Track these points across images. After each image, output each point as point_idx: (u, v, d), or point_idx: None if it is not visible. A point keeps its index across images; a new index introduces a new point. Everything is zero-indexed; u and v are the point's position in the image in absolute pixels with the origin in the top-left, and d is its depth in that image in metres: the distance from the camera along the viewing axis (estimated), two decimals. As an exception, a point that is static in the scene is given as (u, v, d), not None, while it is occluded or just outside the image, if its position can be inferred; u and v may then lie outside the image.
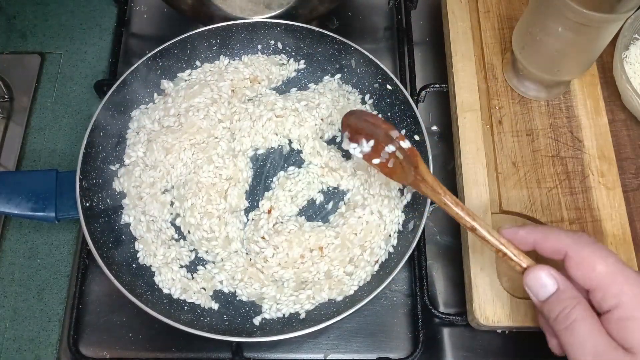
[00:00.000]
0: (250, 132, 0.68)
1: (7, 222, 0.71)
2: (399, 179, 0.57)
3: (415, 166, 0.54)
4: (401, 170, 0.57)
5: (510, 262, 0.47)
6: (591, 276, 0.42)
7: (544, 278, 0.44)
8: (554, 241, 0.45)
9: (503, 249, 0.47)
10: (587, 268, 0.43)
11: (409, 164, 0.55)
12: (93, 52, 0.82)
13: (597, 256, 0.43)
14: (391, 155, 0.58)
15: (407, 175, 0.56)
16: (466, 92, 0.67)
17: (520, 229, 0.47)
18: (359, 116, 0.60)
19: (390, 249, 0.62)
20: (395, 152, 0.57)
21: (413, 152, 0.55)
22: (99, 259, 0.57)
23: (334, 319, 0.54)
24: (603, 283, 0.42)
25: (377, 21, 0.83)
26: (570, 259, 0.44)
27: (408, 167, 0.56)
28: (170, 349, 0.63)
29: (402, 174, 0.57)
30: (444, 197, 0.52)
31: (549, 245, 0.46)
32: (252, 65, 0.72)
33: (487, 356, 0.63)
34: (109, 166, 0.65)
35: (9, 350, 0.64)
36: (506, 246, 0.47)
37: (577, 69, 0.63)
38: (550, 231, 0.46)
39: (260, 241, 0.62)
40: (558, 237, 0.45)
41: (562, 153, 0.65)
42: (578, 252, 0.44)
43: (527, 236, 0.47)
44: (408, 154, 0.55)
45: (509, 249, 0.47)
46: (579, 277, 0.43)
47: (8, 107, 0.77)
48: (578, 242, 0.44)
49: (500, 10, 0.73)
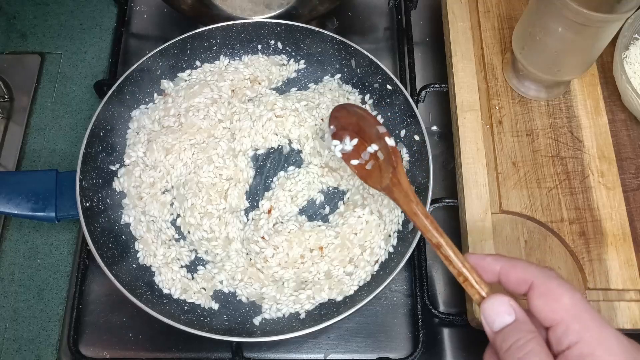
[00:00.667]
0: (250, 132, 0.68)
1: (7, 222, 0.71)
2: (374, 183, 0.57)
3: (394, 167, 0.54)
4: (378, 174, 0.56)
5: (470, 289, 0.45)
6: (555, 308, 0.41)
7: (503, 306, 0.42)
8: (521, 270, 0.43)
9: (465, 273, 0.45)
10: (553, 299, 0.41)
11: (388, 164, 0.55)
12: (93, 52, 0.82)
13: (565, 289, 0.41)
14: (372, 156, 0.57)
15: (383, 178, 0.55)
16: (466, 92, 0.67)
17: (488, 256, 0.45)
18: (348, 110, 0.60)
19: (390, 249, 0.62)
20: (377, 152, 0.56)
21: (395, 152, 0.55)
22: (99, 259, 0.57)
23: (334, 319, 0.54)
24: (567, 317, 0.40)
25: (377, 21, 0.83)
26: (536, 289, 0.42)
27: (386, 168, 0.55)
28: (170, 349, 0.63)
29: (377, 178, 0.56)
30: (416, 206, 0.50)
31: (515, 274, 0.43)
32: (252, 65, 0.72)
33: (487, 356, 0.63)
34: (109, 166, 0.65)
35: (9, 351, 0.64)
36: (469, 271, 0.45)
37: (577, 69, 0.63)
38: (517, 261, 0.44)
39: (260, 241, 0.62)
40: (525, 267, 0.43)
41: (562, 153, 0.65)
42: (545, 283, 0.42)
43: (493, 263, 0.45)
44: (390, 152, 0.55)
45: (472, 275, 0.45)
46: (542, 308, 0.41)
47: (8, 107, 0.77)
48: (545, 274, 0.42)
49: (500, 10, 0.73)
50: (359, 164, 0.59)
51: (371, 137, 0.57)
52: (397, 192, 0.52)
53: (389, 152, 0.55)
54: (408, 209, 0.51)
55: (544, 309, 0.41)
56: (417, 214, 0.50)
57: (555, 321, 0.40)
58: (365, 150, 0.58)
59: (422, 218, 0.49)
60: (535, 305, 0.42)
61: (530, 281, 0.42)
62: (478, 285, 0.44)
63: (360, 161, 0.59)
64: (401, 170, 0.54)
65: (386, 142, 0.55)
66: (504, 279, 0.44)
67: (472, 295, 0.45)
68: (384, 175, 0.55)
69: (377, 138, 0.56)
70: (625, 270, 0.59)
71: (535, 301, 0.42)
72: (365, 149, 0.58)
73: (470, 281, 0.45)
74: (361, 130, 0.58)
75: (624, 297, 0.57)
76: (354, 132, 0.59)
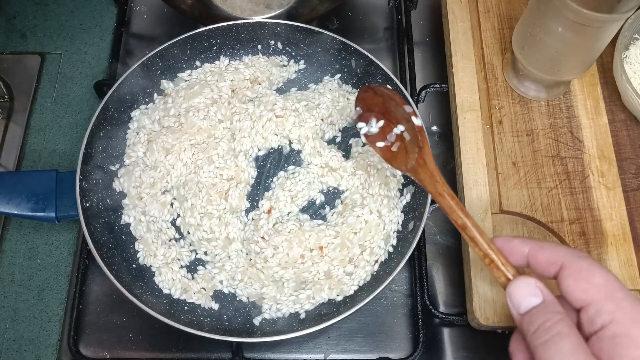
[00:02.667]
0: (250, 132, 0.68)
1: (7, 222, 0.71)
2: (399, 164, 0.56)
3: (420, 147, 0.53)
4: (403, 155, 0.55)
5: (496, 271, 0.44)
6: (587, 288, 0.40)
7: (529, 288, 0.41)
8: (550, 251, 0.43)
9: (492, 255, 0.44)
10: (584, 279, 0.40)
11: (414, 144, 0.54)
12: (93, 52, 0.82)
13: (596, 268, 0.40)
14: (398, 137, 0.56)
15: (409, 159, 0.54)
16: (466, 92, 0.67)
17: (515, 238, 0.45)
18: (375, 91, 0.58)
19: (390, 249, 0.62)
20: (403, 132, 0.55)
21: (421, 132, 0.54)
22: (99, 259, 0.57)
23: (334, 319, 0.54)
24: (599, 296, 0.39)
25: (377, 21, 0.83)
26: (566, 269, 0.41)
27: (412, 149, 0.54)
28: (170, 349, 0.63)
29: (403, 159, 0.55)
30: (442, 186, 0.49)
31: (544, 255, 0.43)
32: (252, 66, 0.72)
33: (487, 356, 0.63)
34: (109, 166, 0.65)
35: (9, 351, 0.64)
36: (495, 253, 0.44)
37: (577, 69, 0.63)
38: (546, 242, 0.44)
39: (260, 241, 0.62)
40: (554, 248, 0.43)
41: (562, 153, 0.65)
42: (575, 262, 0.41)
43: (521, 245, 0.44)
44: (416, 131, 0.54)
45: (498, 257, 0.44)
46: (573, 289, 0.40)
47: (8, 107, 0.77)
48: (576, 254, 0.42)
49: (500, 10, 0.73)
50: (384, 146, 0.57)
51: (397, 117, 0.56)
52: (422, 173, 0.52)
53: (415, 132, 0.54)
54: (433, 189, 0.50)
55: (575, 289, 0.40)
56: (443, 194, 0.49)
57: (587, 301, 0.39)
58: (391, 132, 0.57)
59: (447, 199, 0.48)
60: (566, 285, 0.41)
61: (560, 262, 0.42)
62: (504, 267, 0.44)
63: (386, 143, 0.57)
64: (427, 150, 0.52)
65: (413, 122, 0.54)
66: (533, 261, 0.44)
67: (498, 278, 0.44)
68: (409, 156, 0.54)
69: (403, 118, 0.55)
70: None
71: (565, 281, 0.41)
72: (391, 130, 0.57)
73: (496, 263, 0.44)
74: (387, 111, 0.57)
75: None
76: (380, 114, 0.58)
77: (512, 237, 0.45)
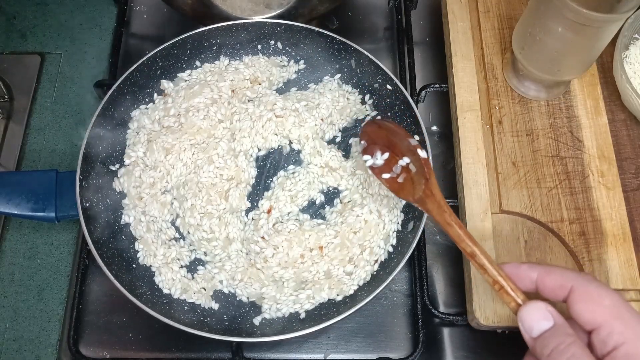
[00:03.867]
0: (250, 132, 0.68)
1: (7, 222, 0.71)
2: (406, 195, 0.56)
3: (427, 178, 0.54)
4: (410, 186, 0.56)
5: (505, 297, 0.45)
6: (597, 310, 0.41)
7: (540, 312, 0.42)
8: (558, 276, 0.44)
9: (501, 281, 0.45)
10: (594, 302, 0.41)
11: (420, 176, 0.55)
12: (93, 52, 0.82)
13: (604, 291, 0.42)
14: (403, 169, 0.57)
15: (416, 190, 0.55)
16: (466, 92, 0.67)
17: (523, 264, 0.46)
18: (379, 125, 0.60)
19: (390, 249, 0.62)
20: (408, 164, 0.56)
21: (427, 164, 0.55)
22: (99, 259, 0.57)
23: (334, 319, 0.54)
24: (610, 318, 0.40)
25: (377, 21, 0.83)
26: (576, 293, 0.42)
27: (418, 180, 0.55)
28: (170, 349, 0.63)
29: (410, 190, 0.56)
30: (449, 216, 0.50)
31: (553, 280, 0.44)
32: (252, 66, 0.72)
33: (487, 356, 0.63)
34: (109, 166, 0.65)
35: (9, 351, 0.64)
36: (504, 279, 0.45)
37: (577, 69, 0.63)
38: (554, 267, 0.45)
39: (260, 241, 0.62)
40: (562, 272, 0.44)
41: (562, 153, 0.65)
42: (584, 286, 0.42)
43: (529, 270, 0.45)
44: (422, 164, 0.55)
45: (507, 283, 0.45)
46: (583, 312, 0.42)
47: (8, 107, 0.77)
48: (584, 278, 0.43)
49: (500, 10, 0.73)
50: (390, 178, 0.58)
51: (402, 150, 0.57)
52: (430, 204, 0.53)
53: (421, 164, 0.55)
54: (441, 219, 0.51)
55: (586, 312, 0.41)
56: (452, 224, 0.50)
57: (598, 323, 0.41)
58: (396, 164, 0.58)
59: (456, 228, 0.49)
60: (576, 309, 0.42)
61: (568, 286, 0.43)
62: (514, 292, 0.45)
63: (391, 174, 0.58)
64: (434, 181, 0.53)
65: (419, 154, 0.55)
66: (541, 286, 0.45)
67: (508, 303, 0.45)
68: (416, 187, 0.55)
69: (408, 151, 0.56)
70: (625, 270, 0.59)
71: (576, 305, 0.42)
72: (396, 162, 0.58)
73: (505, 289, 0.45)
74: (392, 144, 0.58)
75: (624, 297, 0.57)
76: (384, 147, 0.59)
77: (520, 264, 0.46)
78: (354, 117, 0.71)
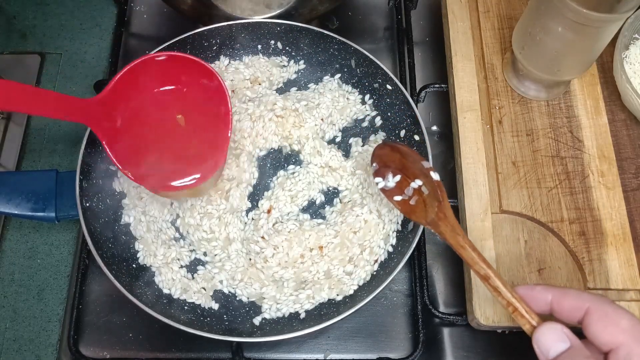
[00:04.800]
0: (250, 132, 0.68)
1: (7, 222, 0.71)
2: (418, 217, 0.56)
3: (440, 201, 0.53)
4: (422, 208, 0.55)
5: (520, 319, 0.45)
6: (614, 332, 0.41)
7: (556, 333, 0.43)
8: (573, 298, 0.44)
9: (515, 303, 0.45)
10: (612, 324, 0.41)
11: (433, 198, 0.54)
12: (93, 52, 0.82)
13: (621, 312, 0.42)
14: (415, 191, 0.56)
15: (428, 213, 0.54)
16: (466, 92, 0.67)
17: (537, 286, 0.46)
18: (392, 147, 0.59)
19: (390, 249, 0.62)
20: (421, 187, 0.56)
21: (440, 186, 0.54)
22: (99, 259, 0.57)
23: (334, 319, 0.54)
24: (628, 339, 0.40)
25: (377, 21, 0.83)
26: (593, 315, 0.42)
27: (431, 203, 0.54)
28: (170, 349, 0.63)
29: (422, 213, 0.55)
30: (463, 239, 0.50)
31: (568, 302, 0.44)
32: (252, 66, 0.72)
33: (487, 356, 0.63)
34: (109, 166, 0.65)
35: (9, 351, 0.64)
36: (519, 301, 0.45)
37: (577, 69, 0.63)
38: (568, 289, 0.45)
39: (260, 241, 0.62)
40: (578, 294, 0.44)
41: (562, 153, 0.65)
42: (601, 307, 0.42)
43: (543, 292, 0.45)
44: (435, 186, 0.54)
45: (521, 305, 0.45)
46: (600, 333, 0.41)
47: (8, 107, 0.77)
48: (600, 300, 0.43)
49: (500, 10, 0.73)
50: (402, 200, 0.58)
51: (415, 172, 0.56)
52: (443, 226, 0.52)
53: (434, 187, 0.54)
54: (455, 242, 0.51)
55: (603, 333, 0.41)
56: (465, 247, 0.50)
57: (616, 344, 0.41)
58: (408, 186, 0.57)
59: (469, 251, 0.49)
60: (593, 330, 0.42)
61: (584, 308, 0.43)
62: (528, 314, 0.45)
63: (403, 197, 0.58)
64: (447, 204, 0.53)
65: (431, 177, 0.55)
66: (557, 307, 0.45)
67: (523, 325, 0.45)
68: (428, 210, 0.54)
69: (421, 173, 0.56)
70: (625, 270, 0.59)
71: (593, 327, 0.42)
72: (408, 184, 0.57)
73: (520, 311, 0.45)
74: (404, 167, 0.58)
75: (624, 297, 0.57)
76: (396, 169, 0.58)
77: (534, 285, 0.46)
78: (354, 117, 0.71)
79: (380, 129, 0.70)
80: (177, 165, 0.57)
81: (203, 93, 0.58)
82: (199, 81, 0.57)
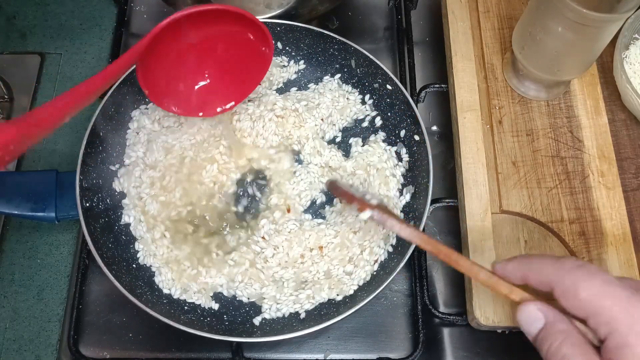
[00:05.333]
0: (250, 132, 0.68)
1: (7, 222, 0.71)
2: None
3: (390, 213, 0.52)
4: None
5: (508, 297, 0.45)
6: (577, 305, 0.40)
7: (532, 313, 0.42)
8: (538, 274, 0.43)
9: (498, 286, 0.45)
10: (572, 298, 0.40)
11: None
12: (93, 52, 0.82)
13: (581, 281, 0.40)
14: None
15: None
16: (466, 92, 0.67)
17: (509, 263, 0.45)
18: (334, 188, 0.59)
19: (390, 249, 0.62)
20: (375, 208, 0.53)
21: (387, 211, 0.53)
22: (99, 259, 0.57)
23: (334, 319, 0.54)
24: (591, 310, 0.39)
25: (377, 21, 0.83)
26: (555, 291, 0.42)
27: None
28: (170, 349, 0.63)
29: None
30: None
31: (535, 279, 0.43)
32: (252, 66, 0.72)
33: (487, 356, 0.63)
34: (109, 166, 0.65)
35: (9, 351, 0.64)
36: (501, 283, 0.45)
37: (577, 69, 0.63)
38: (535, 262, 0.44)
39: (260, 241, 0.62)
40: (541, 268, 0.43)
41: (562, 153, 0.65)
42: (561, 281, 0.41)
43: (515, 271, 0.45)
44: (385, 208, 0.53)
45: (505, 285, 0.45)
46: (568, 307, 0.41)
47: (8, 107, 0.77)
48: (560, 269, 0.42)
49: (500, 10, 0.73)
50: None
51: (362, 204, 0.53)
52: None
53: (386, 209, 0.53)
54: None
55: (569, 307, 0.41)
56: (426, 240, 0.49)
57: (584, 316, 0.40)
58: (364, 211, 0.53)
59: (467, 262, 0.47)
60: (563, 306, 0.41)
61: (549, 283, 0.42)
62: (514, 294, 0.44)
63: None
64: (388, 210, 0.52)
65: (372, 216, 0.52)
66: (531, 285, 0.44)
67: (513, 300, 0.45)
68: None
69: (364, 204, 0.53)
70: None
71: (561, 302, 0.42)
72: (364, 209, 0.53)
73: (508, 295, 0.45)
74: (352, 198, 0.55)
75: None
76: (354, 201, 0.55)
77: (506, 262, 0.45)
78: (354, 117, 0.71)
79: (380, 129, 0.70)
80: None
81: (245, 36, 0.61)
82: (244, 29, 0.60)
